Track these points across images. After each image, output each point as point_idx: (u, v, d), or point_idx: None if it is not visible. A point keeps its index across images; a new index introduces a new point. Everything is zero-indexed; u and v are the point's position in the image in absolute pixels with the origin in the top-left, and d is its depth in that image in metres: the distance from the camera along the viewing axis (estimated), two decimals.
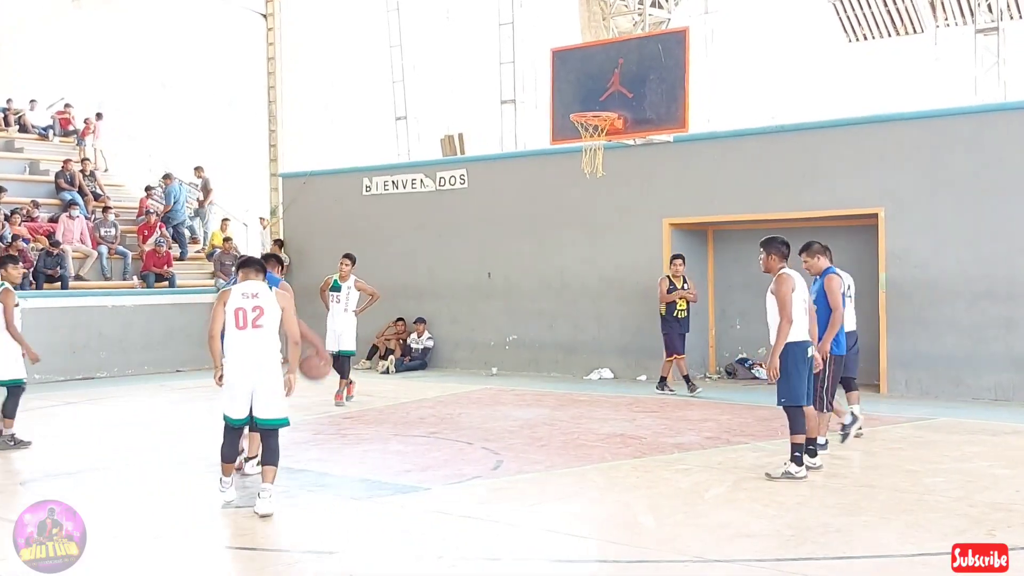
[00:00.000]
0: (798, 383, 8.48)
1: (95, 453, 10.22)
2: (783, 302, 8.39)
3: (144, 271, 19.54)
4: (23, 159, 22.67)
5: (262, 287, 7.53)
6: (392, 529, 7.06)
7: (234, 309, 7.43)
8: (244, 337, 7.40)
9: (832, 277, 9.45)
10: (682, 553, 6.35)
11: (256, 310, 7.41)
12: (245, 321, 7.40)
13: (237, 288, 7.53)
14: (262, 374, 7.41)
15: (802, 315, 8.51)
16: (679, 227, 16.34)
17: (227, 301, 7.47)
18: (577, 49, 15.11)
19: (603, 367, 16.76)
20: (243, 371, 7.39)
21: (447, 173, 18.90)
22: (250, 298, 7.44)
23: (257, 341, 7.40)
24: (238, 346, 7.42)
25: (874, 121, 15.01)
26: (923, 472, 8.74)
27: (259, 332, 7.39)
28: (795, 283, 8.47)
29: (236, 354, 7.43)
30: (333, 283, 13.68)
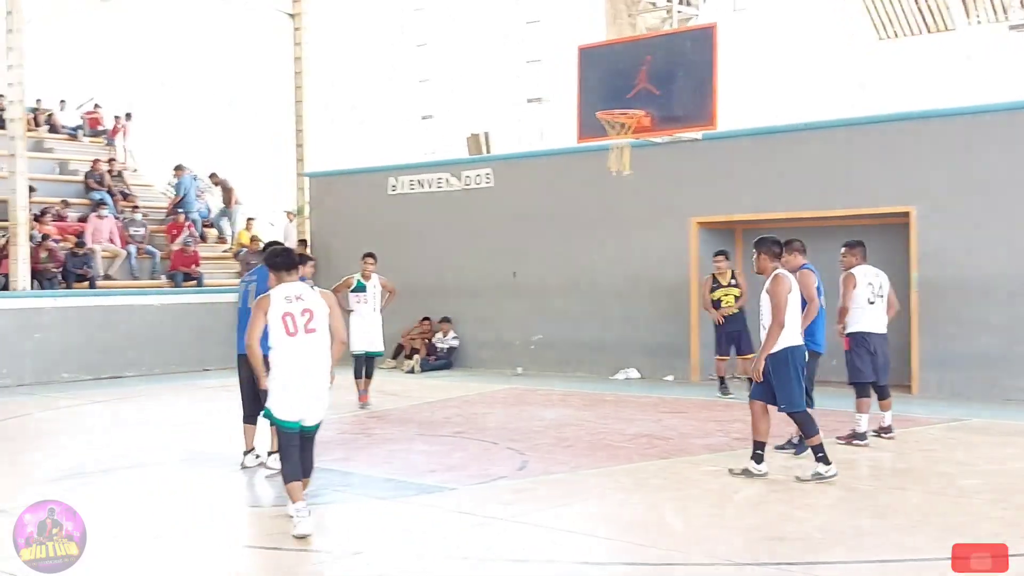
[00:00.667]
0: (796, 388, 8.33)
1: (123, 451, 10.22)
2: (777, 304, 8.22)
3: (172, 270, 19.61)
4: (53, 159, 22.81)
5: (304, 288, 7.01)
6: (417, 529, 7.00)
7: (281, 315, 6.85)
8: (298, 344, 6.86)
9: (805, 272, 9.39)
10: (712, 556, 6.25)
11: (306, 313, 6.89)
12: (295, 326, 6.86)
13: (277, 293, 6.94)
14: (316, 378, 6.96)
15: (796, 318, 8.35)
16: (707, 226, 16.20)
17: (268, 309, 6.88)
18: (604, 46, 14.97)
19: (629, 367, 16.65)
20: (302, 378, 6.86)
21: (473, 172, 18.84)
22: (295, 301, 6.89)
23: (312, 346, 6.89)
24: (294, 353, 6.86)
25: (906, 119, 14.83)
26: (957, 474, 8.60)
27: (313, 336, 6.89)
28: (791, 285, 8.30)
29: (293, 361, 6.86)
30: (357, 283, 13.46)
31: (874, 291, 9.99)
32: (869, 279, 9.99)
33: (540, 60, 22.82)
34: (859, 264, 10.06)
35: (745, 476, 8.44)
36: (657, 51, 13.56)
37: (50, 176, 21.94)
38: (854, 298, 9.93)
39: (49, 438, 11.34)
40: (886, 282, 10.13)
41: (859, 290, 9.93)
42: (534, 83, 22.93)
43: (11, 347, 16.30)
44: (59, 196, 20.50)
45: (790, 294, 8.24)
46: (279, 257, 7.07)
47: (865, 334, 9.95)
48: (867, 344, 9.96)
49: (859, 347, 9.97)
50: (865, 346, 9.96)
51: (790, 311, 8.24)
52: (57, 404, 14.07)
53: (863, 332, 9.95)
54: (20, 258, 16.89)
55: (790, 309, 8.24)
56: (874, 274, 10.07)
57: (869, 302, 9.95)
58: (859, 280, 9.94)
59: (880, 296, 10.03)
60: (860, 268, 10.03)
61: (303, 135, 21.58)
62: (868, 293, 9.95)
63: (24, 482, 8.67)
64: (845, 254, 10.14)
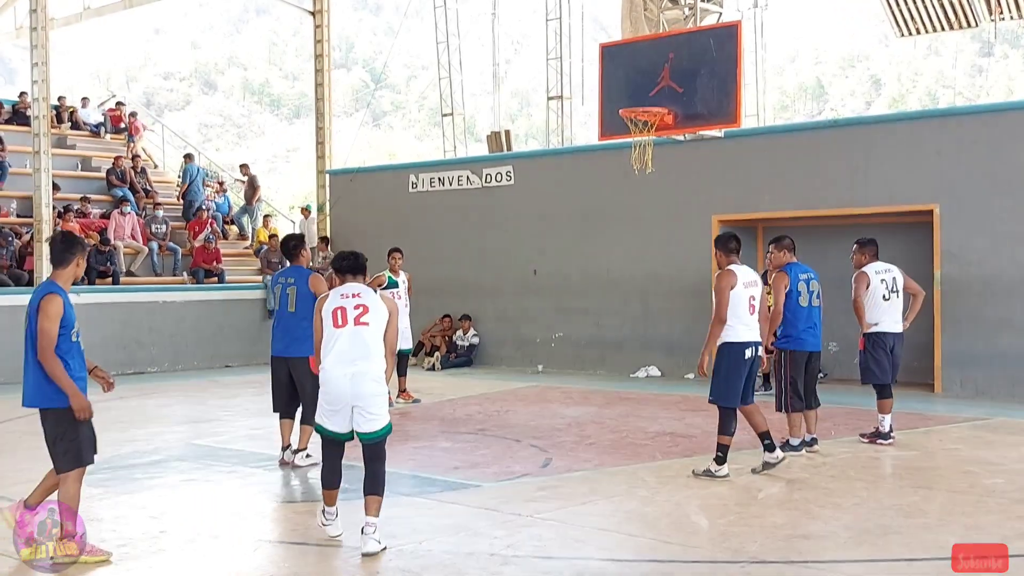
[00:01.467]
0: (727, 384, 8.35)
1: (148, 447, 10.29)
2: (718, 300, 8.30)
3: (194, 267, 19.72)
4: (75, 156, 22.97)
5: (364, 288, 6.61)
6: (442, 526, 7.02)
7: (332, 310, 6.48)
8: (343, 335, 6.40)
9: (780, 274, 9.42)
10: (737, 553, 6.25)
11: (359, 308, 6.44)
12: (344, 319, 6.41)
13: (336, 291, 6.60)
14: (365, 379, 6.39)
15: (742, 315, 8.30)
16: (728, 223, 16.16)
17: (323, 307, 6.56)
18: (626, 44, 14.99)
19: (650, 365, 16.65)
20: (343, 383, 6.36)
21: (493, 170, 18.87)
22: (350, 297, 6.49)
23: (359, 340, 6.39)
24: (337, 346, 6.40)
25: (929, 116, 14.80)
26: (981, 473, 8.57)
27: (362, 330, 6.40)
28: (736, 280, 8.31)
29: (335, 356, 6.41)
30: (389, 279, 13.40)
31: (888, 287, 9.93)
32: (883, 276, 9.94)
33: (561, 58, 22.77)
34: (869, 262, 10.03)
35: (766, 469, 8.46)
36: (680, 49, 13.55)
37: (73, 173, 22.10)
38: (870, 296, 9.90)
39: None
40: (899, 275, 10.08)
41: (872, 288, 9.89)
42: (555, 81, 22.90)
43: None
44: (81, 193, 20.65)
45: (733, 290, 8.26)
46: (345, 260, 6.74)
47: (882, 334, 9.92)
48: (884, 344, 9.92)
49: (876, 348, 9.94)
50: (882, 347, 9.93)
51: (736, 307, 8.25)
52: None
53: (881, 332, 9.91)
54: (44, 254, 17.00)
55: (737, 305, 8.25)
56: (884, 269, 10.01)
57: (884, 299, 9.91)
58: (872, 279, 9.90)
59: (895, 292, 9.97)
60: (871, 266, 10.00)
61: (324, 132, 21.66)
62: (883, 290, 9.90)
63: None
64: (855, 252, 10.14)
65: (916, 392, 14.05)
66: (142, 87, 67.54)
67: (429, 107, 27.60)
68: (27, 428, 11.64)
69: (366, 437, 6.44)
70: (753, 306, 8.40)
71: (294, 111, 69.31)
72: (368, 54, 72.53)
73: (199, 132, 60.75)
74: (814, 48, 66.02)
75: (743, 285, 8.35)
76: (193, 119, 65.84)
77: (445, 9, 24.67)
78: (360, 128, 28.39)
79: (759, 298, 8.50)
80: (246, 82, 73.60)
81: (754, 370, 8.53)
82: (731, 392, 8.37)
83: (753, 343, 8.41)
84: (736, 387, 8.37)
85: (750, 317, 8.37)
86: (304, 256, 9.29)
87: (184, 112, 66.95)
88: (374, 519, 6.35)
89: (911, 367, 14.96)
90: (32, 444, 10.54)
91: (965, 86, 54.51)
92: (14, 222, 18.70)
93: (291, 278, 9.12)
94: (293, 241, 9.42)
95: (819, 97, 61.19)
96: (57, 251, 6.32)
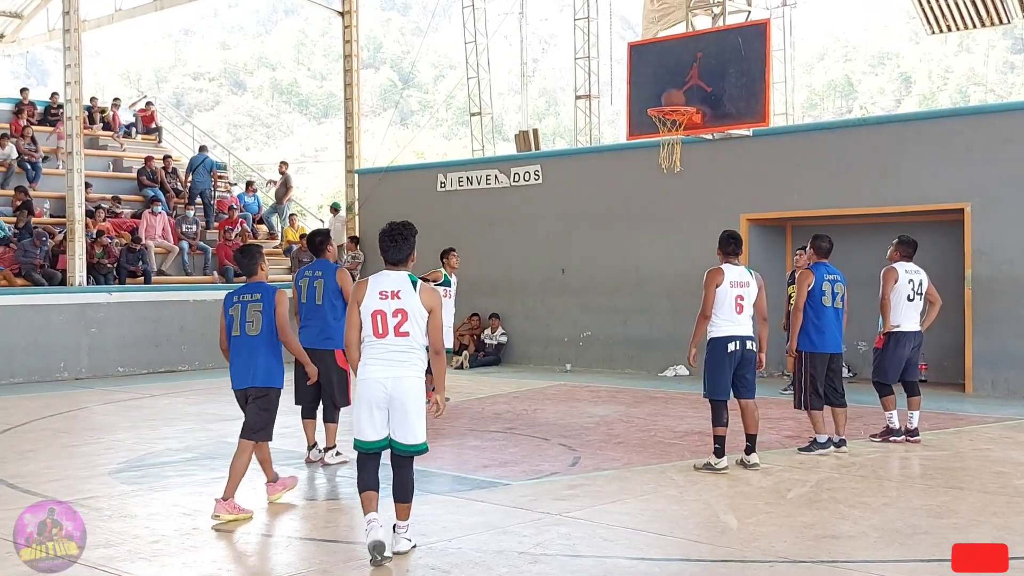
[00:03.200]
0: (712, 377, 8.61)
1: (180, 444, 10.39)
2: (704, 296, 8.59)
3: (222, 266, 19.86)
4: (107, 156, 23.21)
5: (405, 283, 6.21)
6: (472, 524, 7.06)
7: (371, 312, 6.16)
8: (383, 347, 6.17)
9: (805, 272, 9.56)
10: (767, 553, 6.25)
11: (398, 315, 6.14)
12: (385, 328, 6.14)
13: (374, 283, 6.23)
14: (402, 383, 6.18)
15: (727, 312, 8.54)
16: (757, 222, 16.13)
17: (362, 300, 6.20)
18: (655, 43, 14.99)
19: (678, 364, 16.62)
20: (380, 386, 6.15)
21: (521, 169, 18.90)
22: (390, 298, 6.16)
23: (398, 348, 6.15)
24: (376, 353, 6.18)
25: (960, 114, 14.70)
26: (1013, 474, 8.51)
27: (402, 341, 6.15)
28: (723, 278, 8.55)
29: (373, 361, 6.19)
30: (445, 278, 13.22)
31: (914, 288, 9.91)
32: (911, 276, 9.92)
33: (589, 57, 22.75)
34: (900, 260, 9.99)
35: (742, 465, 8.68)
36: (708, 48, 13.56)
37: (105, 173, 22.32)
38: (895, 294, 9.86)
39: (107, 431, 11.54)
40: (925, 279, 10.04)
41: (899, 286, 9.86)
42: (583, 80, 22.90)
43: (68, 341, 16.64)
44: (113, 193, 20.86)
45: (719, 287, 8.52)
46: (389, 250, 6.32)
47: (902, 334, 9.89)
48: (904, 344, 9.90)
49: (895, 347, 9.91)
50: (901, 346, 9.90)
51: (721, 304, 8.52)
52: (114, 397, 14.33)
53: (900, 332, 9.87)
54: (77, 253, 17.22)
55: (722, 302, 8.52)
56: (914, 270, 9.98)
57: (909, 299, 9.88)
58: (900, 277, 9.87)
59: (919, 294, 9.94)
60: (900, 265, 9.96)
61: (353, 131, 21.76)
62: (908, 290, 9.88)
63: (89, 474, 8.85)
64: (893, 247, 10.11)
65: (947, 392, 13.97)
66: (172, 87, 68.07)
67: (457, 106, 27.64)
68: (60, 426, 11.82)
69: (400, 448, 6.24)
70: (741, 305, 8.59)
71: (322, 111, 69.62)
72: (396, 54, 72.76)
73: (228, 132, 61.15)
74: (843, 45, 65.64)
75: (730, 284, 8.58)
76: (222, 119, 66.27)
77: (473, 9, 24.73)
78: (388, 128, 28.51)
79: (749, 298, 8.65)
80: (275, 82, 74.01)
81: (746, 365, 8.64)
82: (717, 385, 8.62)
83: (737, 337, 8.57)
84: (721, 380, 8.60)
85: (736, 315, 8.59)
86: (330, 251, 9.37)
87: (213, 112, 67.41)
88: (406, 523, 6.29)
89: (941, 367, 14.90)
90: (66, 442, 10.72)
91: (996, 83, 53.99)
92: (47, 222, 18.92)
93: (319, 271, 9.19)
94: (319, 236, 9.51)
95: (848, 95, 60.82)
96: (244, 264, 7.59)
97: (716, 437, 8.64)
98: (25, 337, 16.23)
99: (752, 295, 8.68)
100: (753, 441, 8.77)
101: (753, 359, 8.69)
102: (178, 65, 74.56)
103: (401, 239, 6.32)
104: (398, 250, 6.31)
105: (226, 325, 7.51)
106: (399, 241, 6.32)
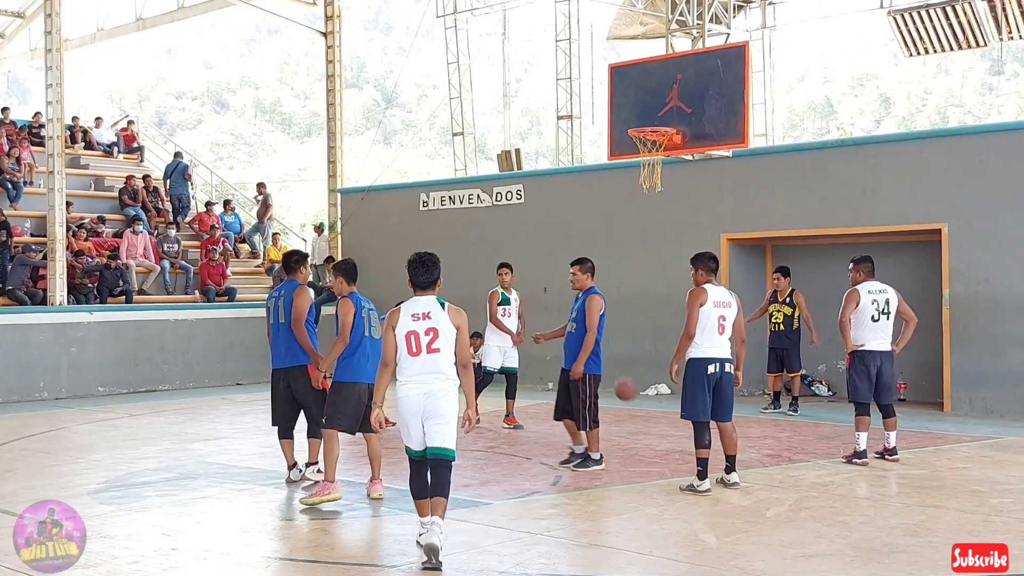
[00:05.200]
0: (691, 399, 8.67)
1: (160, 465, 10.36)
2: (687, 316, 8.65)
3: (203, 285, 19.83)
4: (88, 175, 23.16)
5: (434, 305, 6.74)
6: (452, 543, 7.05)
7: (405, 333, 6.65)
8: (418, 362, 6.64)
9: (593, 297, 9.89)
10: (745, 572, 6.28)
11: (429, 333, 6.64)
12: (419, 347, 6.64)
13: (407, 308, 6.74)
14: (437, 397, 6.63)
15: (709, 333, 8.59)
16: (737, 242, 16.23)
17: (396, 325, 6.68)
18: (635, 64, 15.08)
19: (660, 383, 16.67)
20: (416, 400, 6.63)
21: (504, 188, 18.97)
22: (421, 319, 6.67)
23: (431, 364, 6.63)
24: (411, 370, 6.66)
25: (937, 135, 14.86)
26: (990, 493, 8.58)
27: (434, 356, 6.63)
28: (707, 298, 8.61)
29: (409, 379, 6.67)
30: (503, 296, 13.52)
31: (879, 308, 9.89)
32: (875, 296, 9.92)
33: (570, 78, 22.89)
34: (864, 280, 10.04)
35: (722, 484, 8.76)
36: (688, 70, 13.67)
37: (86, 192, 22.28)
38: (857, 315, 9.93)
39: (87, 451, 11.50)
40: (894, 297, 9.99)
41: (862, 307, 9.91)
42: (565, 101, 23.02)
43: (48, 361, 16.56)
44: (94, 212, 20.81)
45: (702, 307, 8.57)
46: (420, 275, 6.82)
47: (866, 353, 9.92)
48: (867, 363, 9.91)
49: (859, 365, 9.96)
50: (865, 365, 9.92)
51: (704, 325, 8.57)
52: (94, 417, 14.28)
53: (865, 351, 9.92)
54: (58, 273, 17.16)
55: (705, 323, 8.57)
56: (879, 290, 9.96)
57: (873, 320, 9.88)
58: (863, 298, 9.92)
59: (885, 313, 9.91)
60: (864, 285, 10.01)
61: (336, 151, 21.80)
62: (872, 310, 9.88)
63: (68, 494, 8.78)
64: (851, 270, 10.18)
65: (925, 411, 14.07)
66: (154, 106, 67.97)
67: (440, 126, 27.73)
68: (39, 446, 11.77)
69: (432, 452, 6.61)
70: (723, 326, 8.64)
71: (305, 130, 69.61)
72: (379, 73, 72.85)
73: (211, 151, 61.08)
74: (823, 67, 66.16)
75: (713, 304, 8.62)
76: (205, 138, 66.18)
77: (456, 29, 24.85)
78: (371, 147, 28.57)
79: (731, 319, 8.71)
80: (258, 101, 74.00)
81: (725, 388, 8.67)
82: (695, 407, 8.66)
83: (717, 360, 8.62)
84: (700, 402, 8.63)
85: (718, 336, 8.63)
86: (303, 273, 9.41)
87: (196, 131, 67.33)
88: (439, 519, 6.53)
89: (919, 386, 15.01)
90: (45, 461, 10.67)
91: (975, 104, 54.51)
92: (28, 241, 18.86)
93: (282, 291, 9.26)
94: (295, 257, 9.56)
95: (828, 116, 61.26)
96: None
97: (699, 459, 8.64)
98: (4, 356, 16.15)
99: (733, 316, 8.75)
100: (732, 461, 8.82)
101: (731, 381, 8.73)
102: (160, 84, 74.49)
103: (431, 265, 6.89)
104: (428, 275, 6.85)
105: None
106: (429, 267, 6.86)
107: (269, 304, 9.39)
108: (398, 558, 6.48)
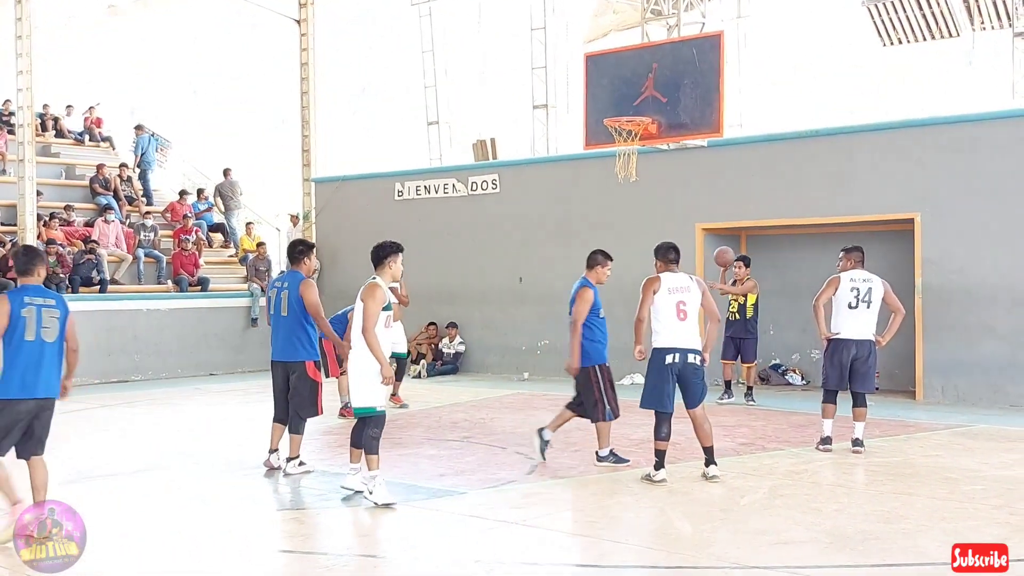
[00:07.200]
0: (651, 388, 8.68)
1: (133, 455, 10.30)
2: (640, 300, 8.66)
3: (176, 275, 19.68)
4: (59, 164, 22.93)
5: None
6: (428, 533, 7.06)
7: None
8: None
9: (584, 289, 9.73)
10: (720, 559, 6.31)
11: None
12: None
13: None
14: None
15: (667, 320, 8.52)
16: (712, 232, 16.26)
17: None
18: (611, 54, 15.09)
19: (635, 372, 16.69)
20: None
21: (479, 178, 18.92)
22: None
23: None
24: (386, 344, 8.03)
25: (910, 125, 14.91)
26: (962, 480, 8.65)
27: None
28: (660, 285, 8.56)
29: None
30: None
31: (859, 296, 9.87)
32: (856, 284, 9.89)
33: (546, 67, 22.86)
34: (852, 268, 10.06)
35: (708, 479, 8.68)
36: (664, 59, 13.68)
37: (57, 181, 22.05)
38: (835, 302, 9.96)
39: (59, 442, 11.35)
40: (879, 287, 9.92)
41: (840, 295, 9.92)
42: (540, 90, 22.99)
43: None
44: (65, 201, 20.60)
45: (656, 294, 8.55)
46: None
47: (842, 341, 9.92)
48: (841, 351, 9.91)
49: (833, 353, 9.99)
50: (838, 352, 9.93)
51: (659, 312, 8.54)
52: (65, 408, 14.10)
53: (840, 339, 9.94)
54: None
55: (661, 311, 8.52)
56: (862, 279, 9.92)
57: (850, 307, 9.87)
58: (842, 285, 9.92)
59: (866, 302, 9.87)
60: (847, 273, 10.02)
61: (310, 140, 21.68)
62: (850, 298, 9.86)
63: None
64: (840, 258, 10.20)
65: (898, 399, 14.17)
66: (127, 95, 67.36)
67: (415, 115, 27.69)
68: None
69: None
70: (684, 311, 8.52)
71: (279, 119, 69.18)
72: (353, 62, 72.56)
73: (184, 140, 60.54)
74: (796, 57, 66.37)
75: (668, 290, 8.54)
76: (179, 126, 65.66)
77: (431, 18, 24.75)
78: (345, 136, 28.41)
79: (693, 304, 8.60)
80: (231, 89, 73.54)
81: (688, 377, 8.57)
82: (656, 397, 8.62)
83: (678, 349, 8.51)
84: (661, 391, 8.57)
85: (679, 323, 8.52)
86: (306, 264, 9.30)
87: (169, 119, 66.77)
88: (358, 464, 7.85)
89: (892, 374, 15.11)
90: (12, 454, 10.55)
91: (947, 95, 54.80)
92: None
93: (286, 283, 9.17)
94: (300, 247, 9.40)
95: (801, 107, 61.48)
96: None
97: (656, 451, 8.60)
98: None
99: (695, 300, 8.60)
100: (711, 453, 8.72)
101: (695, 371, 8.57)
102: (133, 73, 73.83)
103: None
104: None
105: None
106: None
107: (270, 294, 9.37)
108: (372, 547, 6.46)
